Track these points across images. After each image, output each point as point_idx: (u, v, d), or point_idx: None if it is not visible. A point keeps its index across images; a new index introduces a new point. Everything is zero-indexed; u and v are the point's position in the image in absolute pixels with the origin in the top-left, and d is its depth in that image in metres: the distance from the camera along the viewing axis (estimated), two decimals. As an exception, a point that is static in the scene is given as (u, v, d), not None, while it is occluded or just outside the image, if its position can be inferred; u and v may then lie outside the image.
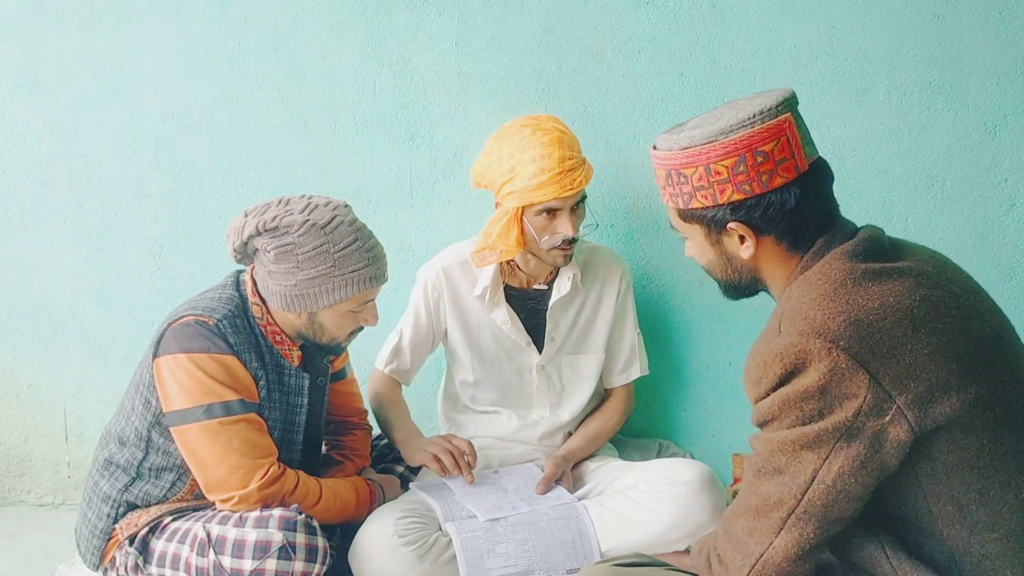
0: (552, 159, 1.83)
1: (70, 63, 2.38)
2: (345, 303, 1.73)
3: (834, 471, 1.12)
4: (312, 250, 1.67)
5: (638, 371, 2.12)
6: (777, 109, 1.23)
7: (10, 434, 2.57)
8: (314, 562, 1.62)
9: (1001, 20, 2.13)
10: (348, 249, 1.69)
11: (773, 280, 1.31)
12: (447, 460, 1.89)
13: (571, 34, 2.24)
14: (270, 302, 1.76)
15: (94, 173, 2.42)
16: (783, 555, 1.16)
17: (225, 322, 1.70)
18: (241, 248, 1.74)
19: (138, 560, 1.70)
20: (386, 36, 2.29)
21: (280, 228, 1.67)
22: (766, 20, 2.19)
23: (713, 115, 1.28)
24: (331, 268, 1.68)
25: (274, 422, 1.78)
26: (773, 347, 1.15)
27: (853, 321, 1.12)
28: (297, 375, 1.81)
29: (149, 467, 1.76)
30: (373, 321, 1.81)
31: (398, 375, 2.11)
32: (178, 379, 1.66)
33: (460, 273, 2.05)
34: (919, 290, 1.16)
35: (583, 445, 2.06)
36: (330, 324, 1.76)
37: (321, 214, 1.69)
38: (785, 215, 1.24)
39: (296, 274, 1.68)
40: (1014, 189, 2.19)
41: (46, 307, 2.49)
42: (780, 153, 1.22)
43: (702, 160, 1.24)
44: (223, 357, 1.67)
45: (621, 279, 2.06)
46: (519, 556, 1.75)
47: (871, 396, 1.10)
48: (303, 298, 1.71)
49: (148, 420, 1.73)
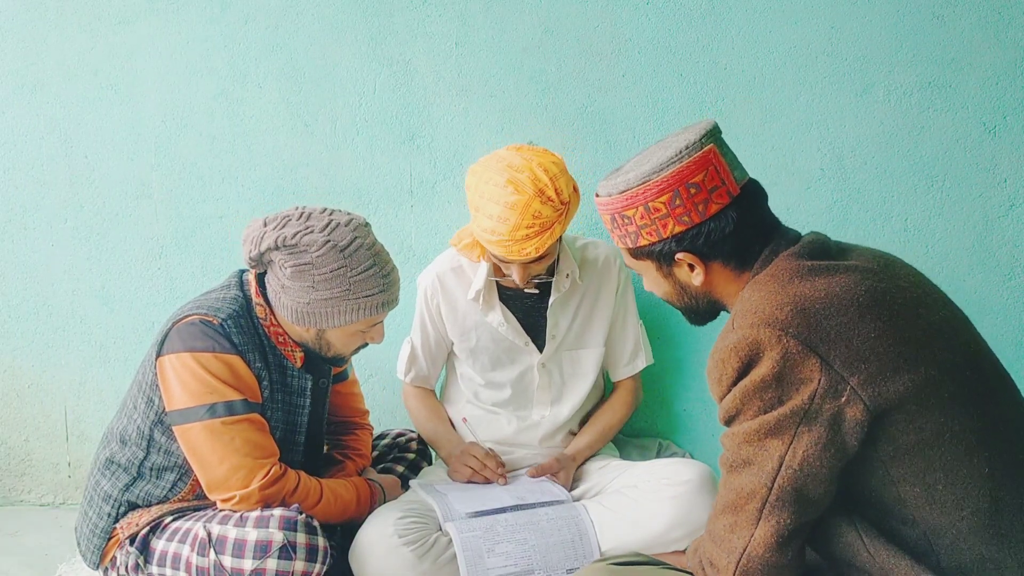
0: (506, 225, 1.77)
1: (71, 63, 2.38)
2: (355, 324, 1.74)
3: (799, 455, 1.17)
4: (330, 272, 1.67)
5: (644, 361, 2.13)
6: (701, 142, 1.29)
7: (11, 433, 2.57)
8: (314, 562, 1.63)
9: (1000, 20, 2.13)
10: (365, 274, 1.70)
11: (728, 299, 1.38)
12: (479, 479, 1.98)
13: (571, 34, 2.24)
14: (279, 312, 1.77)
15: (95, 173, 2.42)
16: (764, 545, 1.20)
17: (230, 322, 1.70)
18: (257, 257, 1.74)
19: (139, 560, 1.70)
20: (386, 37, 2.29)
21: (300, 246, 1.66)
22: (766, 20, 2.19)
23: (644, 156, 1.35)
24: (346, 291, 1.69)
25: (276, 422, 1.78)
26: (727, 343, 1.21)
27: (800, 310, 1.18)
28: (300, 376, 1.82)
29: (150, 466, 1.76)
30: (379, 339, 1.83)
31: (421, 382, 2.16)
32: (181, 378, 1.67)
33: (454, 279, 2.05)
34: (864, 282, 1.22)
35: (590, 442, 2.07)
36: (337, 342, 1.78)
37: (341, 235, 1.68)
38: (726, 238, 1.31)
39: (311, 293, 1.69)
40: (1013, 189, 2.19)
41: (47, 307, 2.49)
42: (711, 182, 1.29)
43: (640, 200, 1.31)
44: (227, 356, 1.68)
45: (619, 272, 2.07)
46: (519, 556, 1.76)
47: (825, 379, 1.15)
48: (315, 316, 1.72)
49: (150, 419, 1.74)
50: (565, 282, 2.00)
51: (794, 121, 2.22)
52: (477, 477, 1.97)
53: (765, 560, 1.20)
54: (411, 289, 2.14)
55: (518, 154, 1.84)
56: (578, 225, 2.27)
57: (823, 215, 2.23)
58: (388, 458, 2.13)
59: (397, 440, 2.18)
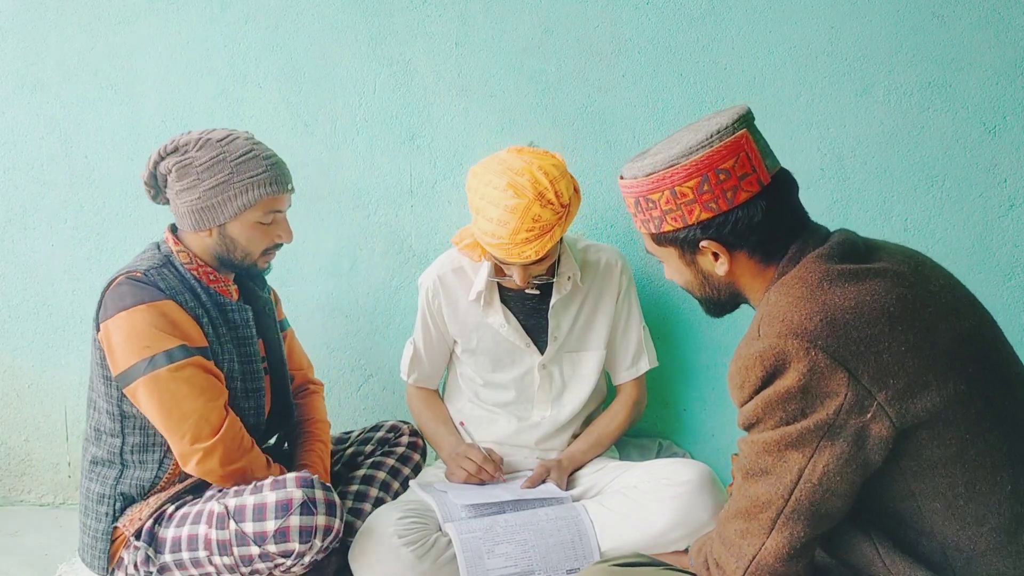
0: (506, 228, 1.76)
1: (71, 63, 2.38)
2: (250, 212, 1.78)
3: (819, 469, 1.14)
4: (209, 160, 1.75)
5: (647, 364, 2.12)
6: (733, 127, 1.25)
7: (11, 434, 2.57)
8: (334, 516, 1.66)
9: (1000, 20, 2.13)
10: (244, 157, 1.77)
11: (751, 292, 1.34)
12: (475, 480, 1.98)
13: (571, 34, 2.24)
14: (182, 227, 1.83)
15: (95, 173, 2.42)
16: (775, 555, 1.18)
17: (152, 271, 1.76)
18: (151, 180, 1.83)
19: (148, 552, 1.71)
20: (386, 36, 2.29)
21: (179, 148, 1.77)
22: (766, 20, 2.19)
23: (673, 139, 1.31)
24: (229, 175, 1.75)
25: (230, 358, 1.81)
26: (753, 350, 1.18)
27: (829, 321, 1.14)
28: (240, 308, 1.86)
29: (131, 450, 1.78)
30: (287, 237, 1.86)
31: (424, 383, 2.16)
32: (119, 340, 1.70)
33: (455, 279, 2.05)
34: (895, 289, 1.18)
35: (585, 448, 2.06)
36: (240, 237, 1.81)
37: (217, 132, 1.79)
38: (754, 228, 1.26)
39: (198, 187, 1.76)
40: (1013, 189, 2.19)
41: (47, 307, 2.49)
42: (741, 169, 1.25)
43: (667, 184, 1.27)
44: (158, 304, 1.71)
45: (622, 275, 2.06)
46: (519, 556, 1.76)
47: (851, 394, 1.12)
48: (208, 211, 1.77)
49: (114, 397, 1.76)
50: (567, 284, 2.00)
51: (794, 121, 2.22)
52: (473, 479, 1.97)
53: (774, 570, 1.19)
54: (412, 289, 2.14)
55: (519, 157, 1.82)
56: (579, 225, 2.27)
57: (823, 215, 2.21)
58: (380, 452, 2.12)
59: (389, 435, 2.17)
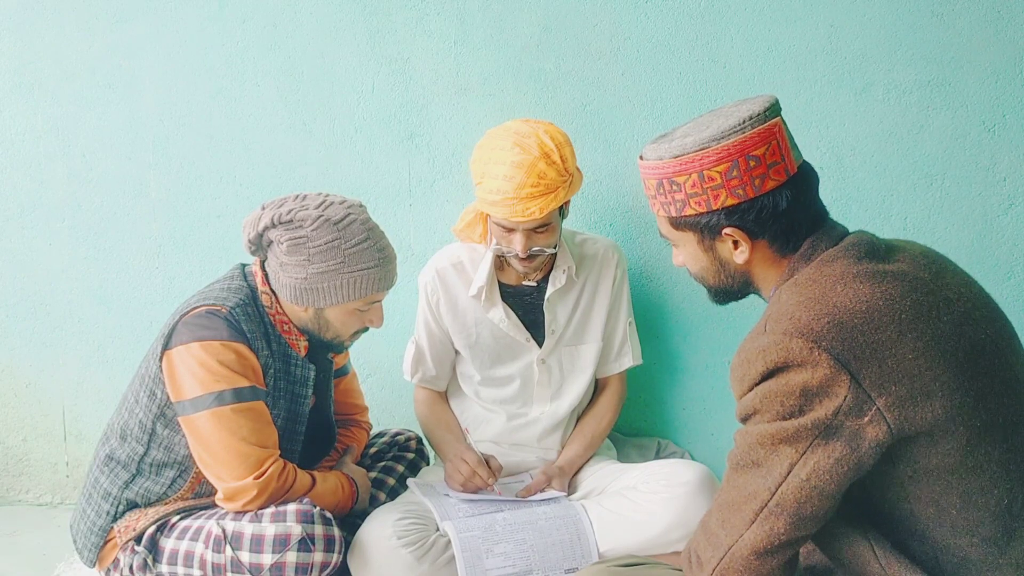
0: (511, 183, 1.80)
1: (68, 62, 2.37)
2: (352, 302, 1.75)
3: (809, 466, 1.13)
4: (324, 244, 1.70)
5: (631, 360, 2.12)
6: (766, 114, 1.25)
7: (8, 433, 2.56)
8: (332, 552, 1.66)
9: (1000, 19, 2.13)
10: (359, 247, 1.72)
11: (764, 283, 1.33)
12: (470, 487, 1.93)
13: (570, 33, 2.24)
14: (280, 294, 1.79)
15: (92, 172, 2.42)
16: (751, 548, 1.17)
17: (237, 310, 1.72)
18: (256, 239, 1.77)
19: (147, 559, 1.70)
20: (385, 35, 2.29)
21: (295, 221, 1.70)
22: (765, 19, 2.18)
23: (702, 122, 1.29)
24: (341, 264, 1.71)
25: (279, 411, 1.79)
26: (757, 345, 1.17)
27: (837, 323, 1.13)
28: (303, 365, 1.83)
29: (150, 462, 1.77)
30: (378, 323, 1.83)
31: (428, 383, 2.14)
32: (190, 368, 1.68)
33: (454, 275, 2.05)
34: (911, 294, 1.16)
35: (580, 451, 2.06)
36: (336, 321, 1.79)
37: (335, 211, 1.72)
38: (777, 218, 1.25)
39: (307, 267, 1.71)
40: (1013, 188, 2.19)
41: (44, 306, 2.49)
42: (771, 157, 1.24)
43: (695, 167, 1.25)
44: (235, 344, 1.69)
45: (617, 267, 2.07)
46: (518, 556, 1.76)
47: (851, 396, 1.11)
48: (312, 292, 1.73)
49: (153, 412, 1.74)
50: (561, 277, 2.01)
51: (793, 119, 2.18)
52: (468, 485, 1.93)
53: (747, 563, 1.17)
54: (411, 288, 2.14)
55: (525, 123, 1.90)
56: (578, 221, 2.27)
57: (822, 214, 2.23)
58: (388, 456, 2.12)
59: (396, 439, 2.17)
